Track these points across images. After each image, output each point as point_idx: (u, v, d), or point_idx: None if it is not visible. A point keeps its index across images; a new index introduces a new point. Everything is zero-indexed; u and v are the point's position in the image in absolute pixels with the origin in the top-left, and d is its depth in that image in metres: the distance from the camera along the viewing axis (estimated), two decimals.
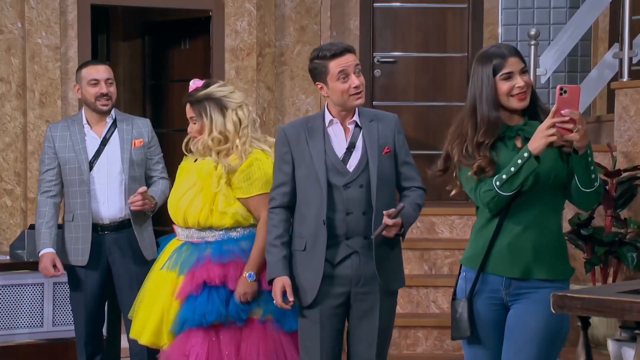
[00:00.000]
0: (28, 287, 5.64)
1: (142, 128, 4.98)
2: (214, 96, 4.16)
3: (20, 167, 6.81)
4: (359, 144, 3.89)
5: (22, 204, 6.79)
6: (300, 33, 7.46)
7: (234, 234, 4.15)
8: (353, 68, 3.85)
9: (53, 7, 6.81)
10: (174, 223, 4.29)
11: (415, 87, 7.83)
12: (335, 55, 3.85)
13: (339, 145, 3.91)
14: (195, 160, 4.25)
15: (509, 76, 3.39)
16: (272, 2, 7.33)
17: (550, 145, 3.28)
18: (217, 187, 4.08)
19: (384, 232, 3.76)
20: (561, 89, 3.25)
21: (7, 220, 6.80)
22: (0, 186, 6.81)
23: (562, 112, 3.24)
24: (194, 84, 4.24)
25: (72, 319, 5.04)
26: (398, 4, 7.81)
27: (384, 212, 3.74)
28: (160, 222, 5.31)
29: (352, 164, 3.87)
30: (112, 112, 4.96)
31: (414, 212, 3.96)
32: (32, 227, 5.76)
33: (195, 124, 4.17)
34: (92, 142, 4.90)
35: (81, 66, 5.04)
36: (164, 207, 4.53)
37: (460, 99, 7.84)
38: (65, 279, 5.07)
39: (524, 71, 3.41)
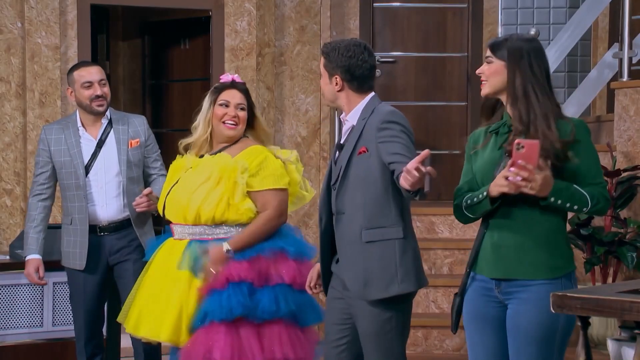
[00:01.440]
0: (28, 287, 5.64)
1: (138, 127, 4.92)
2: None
3: (20, 167, 6.81)
4: (346, 144, 3.85)
5: (22, 204, 6.79)
6: (300, 33, 7.46)
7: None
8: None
9: (53, 7, 6.81)
10: (170, 222, 4.27)
11: (415, 87, 7.83)
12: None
13: (337, 144, 3.93)
14: (201, 156, 4.27)
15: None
16: (271, 1, 7.33)
17: None
18: (242, 179, 4.11)
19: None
20: (518, 144, 3.22)
21: (7, 220, 6.80)
22: (0, 186, 6.81)
23: (510, 170, 3.22)
24: (235, 75, 4.38)
25: (72, 319, 5.03)
26: (398, 3, 7.81)
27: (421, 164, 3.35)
28: (160, 222, 5.29)
29: (337, 164, 3.87)
30: (108, 112, 4.91)
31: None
32: None
33: (242, 109, 4.29)
34: (87, 144, 4.86)
35: (72, 69, 4.96)
36: None
37: (460, 98, 7.86)
38: (65, 278, 5.06)
39: (488, 61, 3.44)
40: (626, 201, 5.93)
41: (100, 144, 4.85)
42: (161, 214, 4.34)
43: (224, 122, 4.26)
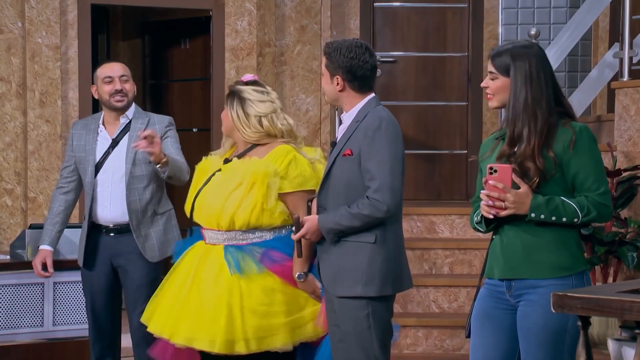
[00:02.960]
0: (28, 287, 5.64)
1: (156, 125, 4.77)
2: (241, 95, 4.18)
3: (20, 167, 6.81)
4: (337, 142, 3.90)
5: (23, 204, 6.79)
6: (301, 33, 7.46)
7: (281, 233, 4.14)
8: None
9: (53, 7, 6.81)
10: (202, 227, 4.21)
11: (415, 87, 7.83)
12: None
13: (331, 142, 3.99)
14: (228, 160, 4.22)
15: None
16: (272, 1, 7.33)
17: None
18: (275, 183, 4.09)
19: (307, 238, 3.86)
20: (491, 168, 3.27)
21: (8, 220, 6.80)
22: (1, 186, 6.81)
23: (482, 192, 3.29)
24: (245, 77, 4.27)
25: (73, 319, 5.02)
26: (398, 3, 7.81)
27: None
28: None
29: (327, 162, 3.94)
30: (131, 111, 4.80)
31: (339, 218, 3.76)
32: (32, 226, 5.76)
33: (224, 109, 4.23)
34: (102, 143, 4.78)
35: (96, 67, 4.90)
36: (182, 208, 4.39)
37: (460, 98, 7.86)
38: (65, 278, 5.05)
39: (492, 77, 3.40)
40: (626, 201, 5.93)
41: (114, 144, 4.76)
42: (188, 215, 4.27)
43: None
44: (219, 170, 4.23)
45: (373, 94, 3.91)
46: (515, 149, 3.34)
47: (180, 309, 4.14)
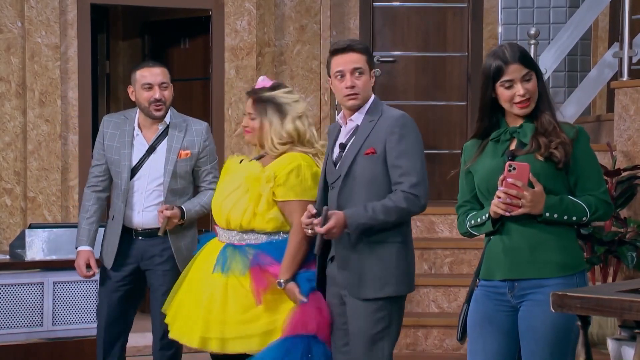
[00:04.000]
0: (28, 287, 5.63)
1: (195, 137, 4.70)
2: (276, 101, 4.17)
3: (20, 167, 6.81)
4: (350, 144, 3.86)
5: (22, 203, 6.79)
6: (300, 32, 7.46)
7: (275, 238, 4.13)
8: (351, 69, 3.83)
9: (53, 6, 6.81)
10: (215, 224, 4.29)
11: (415, 87, 7.83)
12: (336, 52, 3.87)
13: (339, 144, 3.93)
14: (241, 162, 4.28)
15: (510, 84, 3.37)
16: (271, 1, 7.33)
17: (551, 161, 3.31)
18: (265, 189, 4.08)
19: (325, 236, 3.73)
20: (510, 165, 3.27)
21: (7, 220, 6.80)
22: (0, 185, 6.81)
23: (500, 190, 3.27)
24: (263, 82, 4.23)
25: (72, 318, 4.98)
26: (398, 3, 7.81)
27: (314, 221, 3.70)
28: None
29: (338, 164, 3.87)
30: (168, 116, 4.71)
31: (372, 212, 3.71)
32: (31, 226, 5.76)
33: (252, 119, 4.20)
34: (139, 148, 4.68)
35: (136, 68, 4.78)
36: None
37: (460, 98, 7.86)
38: (65, 278, 5.03)
39: (527, 78, 3.37)
40: (626, 201, 5.93)
41: (150, 150, 4.68)
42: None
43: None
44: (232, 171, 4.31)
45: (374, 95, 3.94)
46: (540, 141, 3.34)
47: (186, 308, 4.24)
